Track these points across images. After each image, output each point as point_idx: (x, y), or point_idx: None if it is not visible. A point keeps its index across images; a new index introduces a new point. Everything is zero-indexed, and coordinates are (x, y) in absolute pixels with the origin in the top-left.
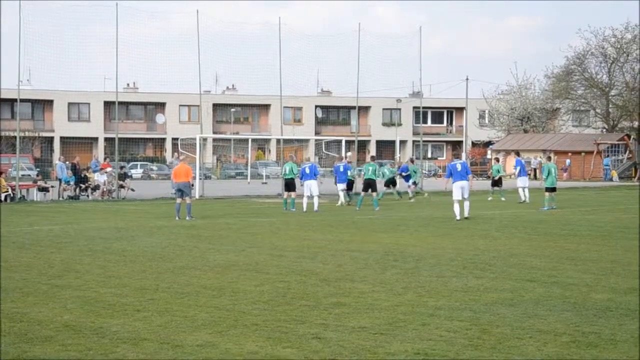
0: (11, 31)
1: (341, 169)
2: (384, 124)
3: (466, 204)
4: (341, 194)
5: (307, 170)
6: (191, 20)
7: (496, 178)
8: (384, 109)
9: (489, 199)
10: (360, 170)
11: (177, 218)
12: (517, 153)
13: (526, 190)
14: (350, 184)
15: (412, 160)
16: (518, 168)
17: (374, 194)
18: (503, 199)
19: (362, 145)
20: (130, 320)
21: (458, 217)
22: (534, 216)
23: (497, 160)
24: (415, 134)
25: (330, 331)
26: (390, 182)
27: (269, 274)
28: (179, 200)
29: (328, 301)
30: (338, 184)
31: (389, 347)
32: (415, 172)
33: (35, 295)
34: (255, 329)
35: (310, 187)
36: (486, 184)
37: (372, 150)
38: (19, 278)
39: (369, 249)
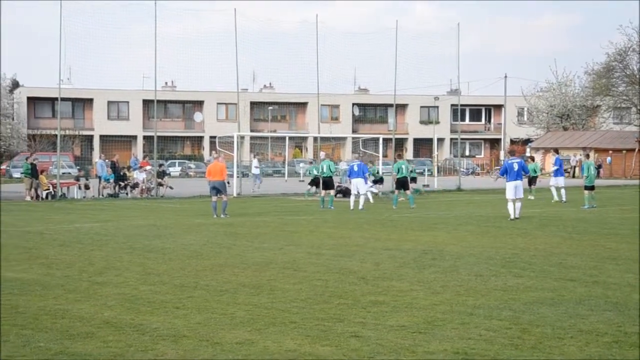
0: (52, 31)
1: (355, 168)
2: (422, 122)
3: (518, 204)
4: (369, 194)
5: (356, 168)
6: (229, 19)
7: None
8: (421, 106)
9: (530, 197)
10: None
11: (214, 216)
12: (557, 151)
13: (562, 191)
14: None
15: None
16: (556, 167)
17: (408, 191)
18: (531, 197)
19: (400, 143)
20: (170, 318)
21: (512, 217)
22: (575, 215)
23: (532, 159)
24: (453, 131)
25: (368, 330)
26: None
27: (306, 272)
28: (214, 199)
29: (366, 299)
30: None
31: (428, 346)
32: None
33: (76, 292)
34: (294, 327)
35: (357, 185)
36: (524, 182)
37: (410, 148)
38: (61, 275)
39: (406, 247)
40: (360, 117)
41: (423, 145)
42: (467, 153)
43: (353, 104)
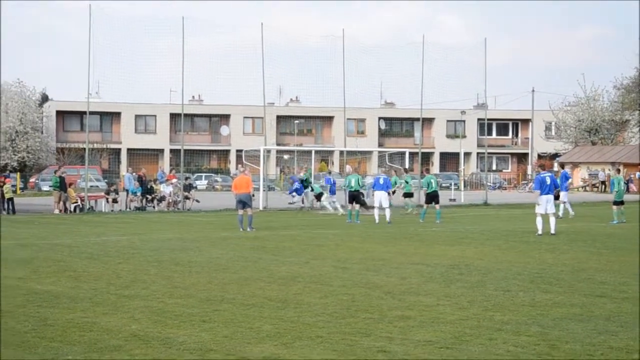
0: (81, 45)
1: (381, 181)
2: (448, 136)
3: (552, 219)
4: (328, 204)
5: (381, 181)
6: (255, 33)
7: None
8: (448, 120)
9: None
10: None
11: (240, 229)
12: (562, 165)
13: (561, 206)
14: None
15: (405, 170)
16: (568, 181)
17: (437, 206)
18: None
19: (426, 157)
20: (197, 331)
21: (540, 232)
22: (603, 230)
23: (556, 174)
24: (479, 145)
25: (395, 344)
26: (410, 195)
27: (332, 286)
28: (240, 212)
29: (393, 314)
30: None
31: None
32: (407, 183)
33: (104, 305)
34: (320, 341)
35: (380, 199)
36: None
37: (436, 162)
38: (89, 288)
39: (433, 262)
40: (387, 131)
41: (449, 160)
42: (494, 167)
43: (379, 118)
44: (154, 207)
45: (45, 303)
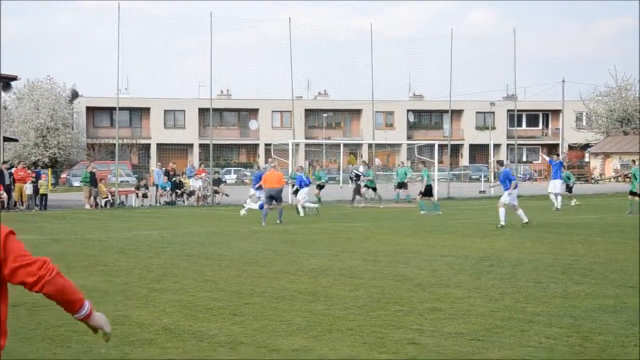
0: (110, 42)
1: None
2: (477, 128)
3: (519, 211)
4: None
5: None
6: (283, 28)
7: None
8: (477, 112)
9: (572, 203)
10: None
11: (263, 224)
12: (558, 155)
13: (559, 198)
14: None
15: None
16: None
17: (432, 198)
18: (569, 204)
19: (455, 150)
20: (227, 324)
21: (503, 223)
22: (635, 221)
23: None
24: (509, 137)
25: (426, 337)
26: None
27: (362, 279)
28: (266, 206)
29: (423, 306)
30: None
31: (486, 353)
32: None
33: (135, 298)
34: (351, 334)
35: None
36: (585, 188)
37: (466, 154)
38: (120, 282)
39: (463, 254)
40: (415, 123)
41: (479, 151)
42: (524, 159)
43: (408, 111)
44: (183, 201)
45: None
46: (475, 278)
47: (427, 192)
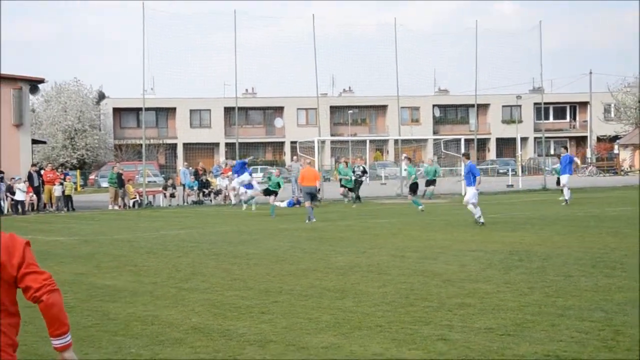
0: (135, 42)
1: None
2: (504, 122)
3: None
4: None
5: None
6: (307, 24)
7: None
8: (503, 106)
9: (561, 198)
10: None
11: (312, 219)
12: (566, 148)
13: (566, 189)
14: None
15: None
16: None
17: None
18: (561, 198)
19: (482, 144)
20: (256, 323)
21: (482, 220)
22: None
23: (559, 157)
24: (536, 130)
25: (455, 332)
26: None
27: (391, 275)
28: (307, 204)
29: (452, 302)
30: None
31: (517, 348)
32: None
33: (164, 298)
34: (380, 331)
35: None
36: (615, 180)
37: (493, 148)
38: (149, 282)
39: (492, 248)
40: (441, 118)
41: (506, 145)
42: (552, 152)
43: (433, 106)
44: (210, 200)
45: (107, 297)
46: (505, 273)
47: (413, 189)
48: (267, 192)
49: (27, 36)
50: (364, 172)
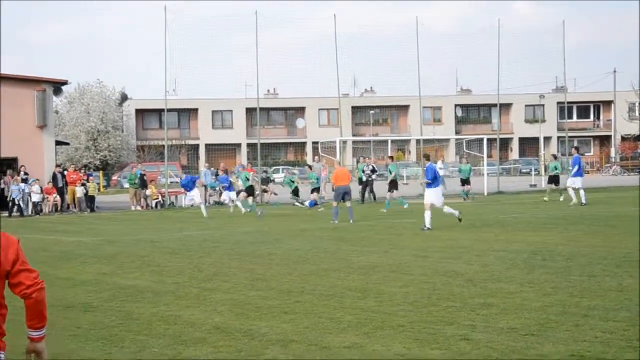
0: (158, 44)
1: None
2: (527, 121)
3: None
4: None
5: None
6: (328, 25)
7: (552, 174)
8: (526, 105)
9: (545, 199)
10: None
11: (334, 221)
12: (577, 149)
13: (581, 192)
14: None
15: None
16: (576, 167)
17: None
18: (561, 198)
19: (505, 143)
20: (278, 322)
21: (429, 226)
22: None
23: (555, 157)
24: (560, 129)
25: (478, 332)
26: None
27: (413, 275)
28: (335, 204)
29: (475, 302)
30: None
31: (540, 348)
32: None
33: (187, 298)
34: (402, 330)
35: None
36: (638, 179)
37: (515, 147)
38: (171, 282)
39: (515, 248)
40: (463, 118)
41: (529, 145)
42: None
43: (455, 105)
44: (232, 201)
45: (130, 297)
46: (528, 272)
47: (392, 185)
48: (249, 192)
49: (50, 38)
50: (373, 171)
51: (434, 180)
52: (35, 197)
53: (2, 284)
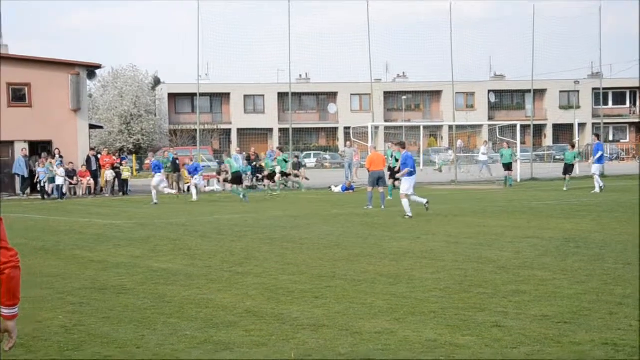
0: (191, 30)
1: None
2: (561, 107)
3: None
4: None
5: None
6: (361, 10)
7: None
8: (560, 91)
9: (564, 189)
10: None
11: (368, 206)
12: (598, 136)
13: (595, 177)
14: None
15: (281, 149)
16: (599, 153)
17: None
18: (565, 188)
19: (538, 130)
20: (309, 307)
21: (410, 214)
22: None
23: (573, 146)
24: (595, 116)
25: (510, 319)
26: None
27: (444, 261)
28: (370, 189)
29: (507, 289)
30: None
31: (574, 336)
32: (285, 162)
33: (218, 282)
34: (433, 317)
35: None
36: None
37: (549, 134)
38: (203, 265)
39: (547, 235)
40: (497, 104)
41: (563, 131)
42: (610, 138)
43: (489, 91)
44: (264, 185)
45: (162, 280)
46: (561, 260)
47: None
48: (236, 181)
49: (84, 23)
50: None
51: (404, 168)
52: (59, 181)
53: None
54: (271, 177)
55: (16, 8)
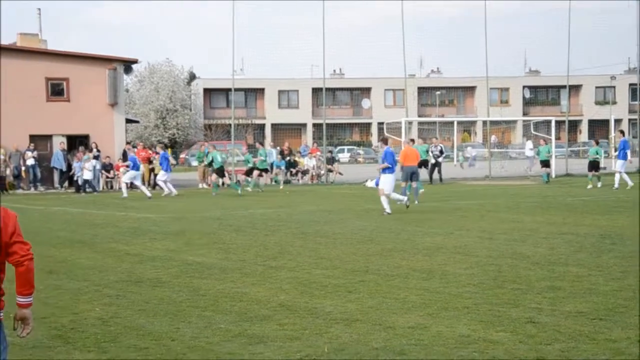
0: (226, 26)
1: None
2: (597, 103)
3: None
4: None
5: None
6: (395, 5)
7: (592, 160)
8: (596, 87)
9: (589, 187)
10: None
11: (405, 201)
12: (622, 132)
13: (616, 176)
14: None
15: (261, 143)
16: (627, 151)
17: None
18: (595, 185)
19: (574, 126)
20: (343, 302)
21: (389, 210)
22: None
23: (597, 142)
24: (631, 112)
25: (544, 315)
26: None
27: (478, 256)
28: (403, 184)
29: (541, 285)
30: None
31: (609, 333)
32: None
33: (252, 275)
34: (467, 312)
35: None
36: None
37: (585, 130)
38: (237, 259)
39: (583, 231)
40: (531, 99)
41: (599, 127)
42: None
43: (523, 87)
44: (298, 180)
45: (197, 274)
46: (596, 256)
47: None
48: (219, 173)
49: (121, 19)
50: (442, 152)
51: (392, 165)
52: (87, 175)
53: (3, 253)
54: (305, 172)
55: (55, 3)
